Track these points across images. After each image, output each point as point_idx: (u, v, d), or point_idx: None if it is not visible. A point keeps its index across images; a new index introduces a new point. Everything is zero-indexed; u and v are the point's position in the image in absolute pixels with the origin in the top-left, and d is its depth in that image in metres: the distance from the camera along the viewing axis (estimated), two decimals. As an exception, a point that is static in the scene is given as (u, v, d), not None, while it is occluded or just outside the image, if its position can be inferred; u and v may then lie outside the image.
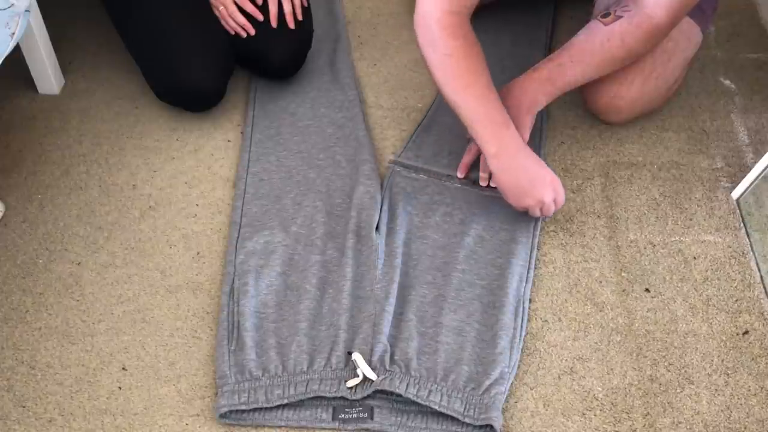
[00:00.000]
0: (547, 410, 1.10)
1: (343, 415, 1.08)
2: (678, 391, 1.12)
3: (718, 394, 1.12)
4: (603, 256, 1.28)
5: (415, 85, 1.55)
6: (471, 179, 1.36)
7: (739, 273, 1.26)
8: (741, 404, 1.11)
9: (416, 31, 1.20)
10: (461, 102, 1.20)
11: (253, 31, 1.42)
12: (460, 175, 1.35)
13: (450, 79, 1.20)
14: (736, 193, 1.35)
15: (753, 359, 1.16)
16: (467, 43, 1.19)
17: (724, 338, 1.18)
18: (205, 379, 1.13)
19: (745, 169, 1.37)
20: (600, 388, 1.13)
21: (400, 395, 1.08)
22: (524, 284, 1.22)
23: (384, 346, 1.12)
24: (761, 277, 1.25)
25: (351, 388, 1.09)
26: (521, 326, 1.17)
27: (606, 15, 1.26)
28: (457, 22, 1.19)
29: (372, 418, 1.08)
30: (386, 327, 1.14)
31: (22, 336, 1.17)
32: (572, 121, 1.48)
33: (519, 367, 1.14)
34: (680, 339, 1.18)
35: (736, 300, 1.23)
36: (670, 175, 1.39)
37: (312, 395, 1.08)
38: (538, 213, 1.25)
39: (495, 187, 1.34)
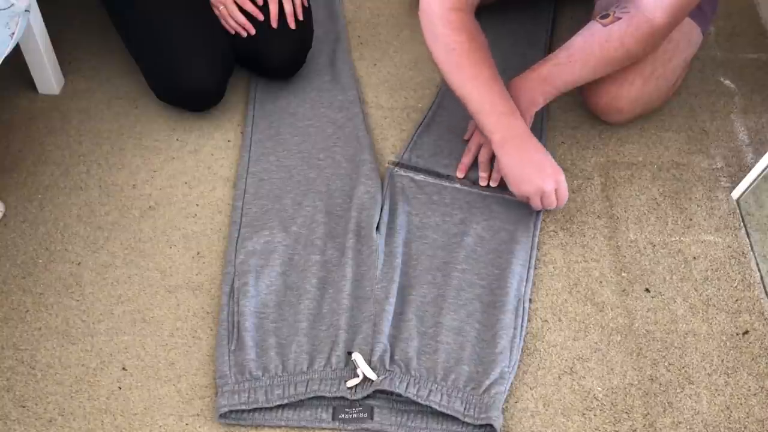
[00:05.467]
0: (547, 410, 1.10)
1: (343, 415, 1.08)
2: (678, 391, 1.12)
3: (718, 394, 1.12)
4: (603, 256, 1.28)
5: (415, 85, 1.55)
6: (471, 179, 1.36)
7: (739, 273, 1.26)
8: (741, 404, 1.11)
9: (422, 27, 1.25)
10: (466, 94, 1.24)
11: (253, 31, 1.42)
12: (459, 175, 1.35)
13: (455, 72, 1.24)
14: (736, 193, 1.35)
15: (753, 359, 1.16)
16: (470, 37, 1.23)
17: (724, 338, 1.18)
18: (205, 379, 1.13)
19: (745, 169, 1.37)
20: (600, 388, 1.13)
21: (400, 395, 1.08)
22: (524, 284, 1.22)
23: (384, 346, 1.12)
24: (761, 277, 1.25)
25: (351, 388, 1.09)
26: (521, 326, 1.17)
27: (605, 16, 1.25)
28: (460, 17, 1.23)
29: (372, 418, 1.08)
30: (386, 327, 1.14)
31: (22, 336, 1.17)
32: (572, 121, 1.48)
33: (519, 367, 1.14)
34: (680, 339, 1.18)
35: (736, 300, 1.23)
36: (670, 175, 1.40)
37: (312, 395, 1.08)
38: (538, 203, 1.25)
39: (495, 187, 1.34)
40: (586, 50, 1.26)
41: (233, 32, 1.43)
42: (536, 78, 1.28)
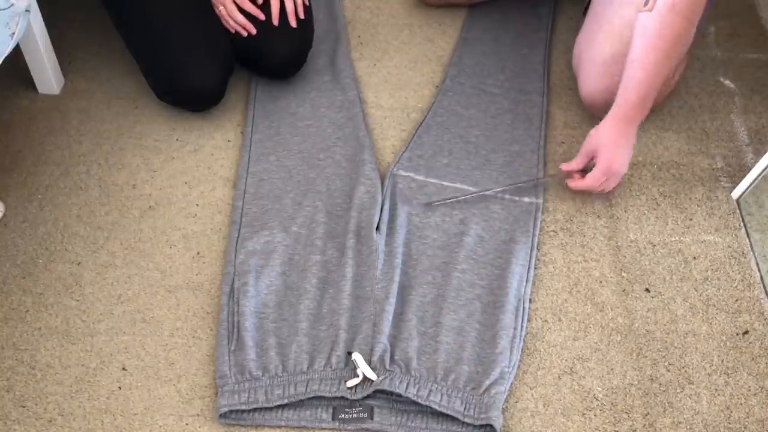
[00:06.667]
0: (547, 410, 1.10)
1: (343, 415, 1.08)
2: (678, 391, 1.12)
3: (718, 394, 1.12)
4: (603, 256, 1.28)
5: (415, 85, 1.55)
6: (471, 179, 1.35)
7: (739, 273, 1.26)
8: (741, 404, 1.11)
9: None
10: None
11: (254, 31, 1.42)
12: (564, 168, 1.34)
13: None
14: (736, 193, 1.35)
15: (753, 359, 1.16)
16: None
17: (724, 338, 1.18)
18: (205, 379, 1.13)
19: (745, 169, 1.37)
20: (600, 388, 1.13)
21: (400, 395, 1.08)
22: (524, 284, 1.22)
23: (384, 346, 1.12)
24: (761, 277, 1.25)
25: (351, 388, 1.09)
26: (521, 326, 1.17)
27: (647, 2, 1.22)
28: None
29: (372, 418, 1.08)
30: (386, 327, 1.14)
31: (22, 336, 1.17)
32: (572, 121, 1.48)
33: (519, 367, 1.14)
34: (680, 339, 1.18)
35: (736, 300, 1.23)
36: (670, 175, 1.40)
37: (312, 395, 1.08)
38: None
39: (495, 187, 1.34)
40: (651, 47, 1.22)
41: (234, 32, 1.43)
42: (631, 105, 1.26)
